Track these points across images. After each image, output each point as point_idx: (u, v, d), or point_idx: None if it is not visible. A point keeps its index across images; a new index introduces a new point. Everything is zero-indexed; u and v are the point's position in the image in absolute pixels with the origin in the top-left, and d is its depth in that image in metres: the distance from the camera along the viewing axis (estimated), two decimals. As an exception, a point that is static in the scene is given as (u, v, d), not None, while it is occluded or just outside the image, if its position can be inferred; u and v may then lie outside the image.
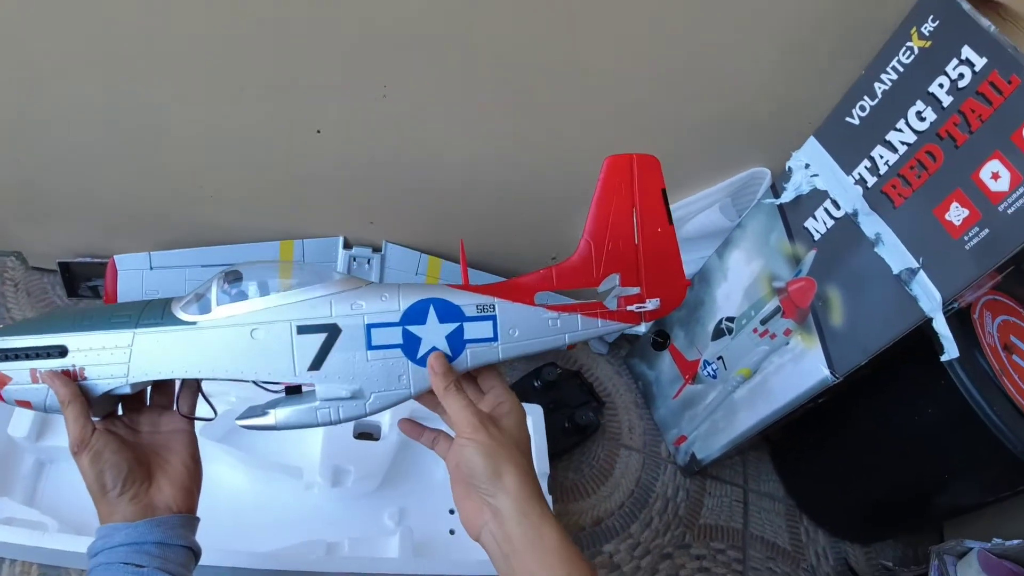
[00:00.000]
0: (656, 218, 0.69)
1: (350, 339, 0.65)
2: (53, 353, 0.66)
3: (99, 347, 0.66)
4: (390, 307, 0.66)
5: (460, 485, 0.68)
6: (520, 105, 0.98)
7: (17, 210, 1.17)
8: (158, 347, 0.66)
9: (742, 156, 1.07)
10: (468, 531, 0.67)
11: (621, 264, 0.69)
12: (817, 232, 0.99)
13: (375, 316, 0.66)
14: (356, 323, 0.65)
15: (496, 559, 0.64)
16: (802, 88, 0.99)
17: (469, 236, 1.20)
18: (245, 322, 0.65)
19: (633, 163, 0.68)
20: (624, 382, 1.43)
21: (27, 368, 0.66)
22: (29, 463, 1.10)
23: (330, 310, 0.66)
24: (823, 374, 0.99)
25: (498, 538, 0.63)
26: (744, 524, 1.33)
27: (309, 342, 0.65)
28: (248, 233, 1.17)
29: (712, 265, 1.18)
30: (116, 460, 0.66)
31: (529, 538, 0.62)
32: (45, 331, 0.67)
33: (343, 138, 1.02)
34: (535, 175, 1.09)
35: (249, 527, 1.05)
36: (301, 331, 0.65)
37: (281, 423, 0.67)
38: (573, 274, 0.68)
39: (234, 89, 0.94)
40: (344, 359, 0.65)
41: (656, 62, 0.93)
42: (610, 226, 0.68)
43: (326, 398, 0.66)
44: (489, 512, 0.64)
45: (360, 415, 0.67)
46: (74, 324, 0.67)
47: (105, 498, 0.66)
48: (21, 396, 0.67)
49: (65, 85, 0.93)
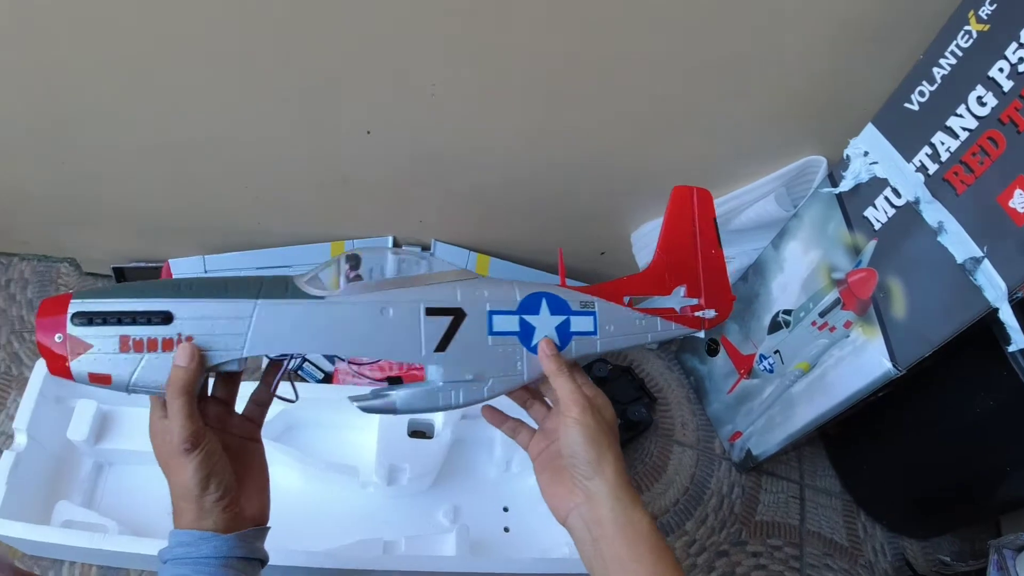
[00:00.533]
0: (710, 241, 0.79)
1: (474, 324, 0.67)
2: (155, 319, 0.59)
3: (213, 316, 0.60)
4: (509, 296, 0.69)
5: (548, 471, 0.70)
6: (568, 99, 0.97)
7: (70, 217, 1.19)
8: (283, 320, 0.62)
9: (796, 144, 1.05)
10: (556, 514, 0.68)
11: (686, 278, 0.77)
12: (877, 221, 0.96)
13: (496, 303, 0.68)
14: (480, 309, 0.67)
15: (583, 543, 0.65)
16: (857, 73, 0.97)
17: (517, 233, 1.21)
18: (375, 300, 0.64)
19: (694, 193, 0.79)
20: (675, 377, 1.42)
21: (116, 334, 0.59)
22: (88, 466, 1.12)
23: (456, 295, 0.67)
24: (885, 367, 0.97)
25: (588, 521, 0.64)
26: (801, 520, 1.31)
27: (436, 324, 0.65)
28: (299, 236, 1.18)
29: (767, 257, 1.16)
30: (224, 464, 0.63)
31: (620, 523, 0.62)
32: (141, 296, 0.60)
33: (392, 138, 1.02)
34: (583, 170, 1.08)
35: (305, 526, 1.05)
36: (429, 312, 0.65)
37: (403, 406, 0.66)
38: (648, 283, 0.76)
39: (284, 93, 0.94)
40: (468, 343, 0.67)
41: (706, 49, 0.91)
42: (677, 245, 0.78)
43: (449, 380, 0.66)
44: (582, 495, 0.65)
45: (479, 399, 0.68)
46: (177, 292, 0.61)
47: (200, 502, 0.61)
48: (100, 368, 0.59)
49: (113, 92, 0.95)
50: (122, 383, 0.59)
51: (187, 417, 0.59)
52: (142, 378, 0.59)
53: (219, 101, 0.96)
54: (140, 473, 1.12)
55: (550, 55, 0.90)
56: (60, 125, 1.00)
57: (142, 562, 1.05)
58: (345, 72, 0.92)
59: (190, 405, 0.59)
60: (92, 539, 0.98)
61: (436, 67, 0.92)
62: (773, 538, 1.28)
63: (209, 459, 0.60)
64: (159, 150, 1.03)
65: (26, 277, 1.32)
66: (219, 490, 0.61)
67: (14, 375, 1.21)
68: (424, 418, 1.16)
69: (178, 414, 0.58)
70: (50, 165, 1.07)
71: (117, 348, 0.58)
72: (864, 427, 1.27)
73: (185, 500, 0.61)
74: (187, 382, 0.58)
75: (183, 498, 0.61)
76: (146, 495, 1.10)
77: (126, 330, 0.58)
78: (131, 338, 0.58)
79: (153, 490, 1.08)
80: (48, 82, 0.93)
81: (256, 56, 0.89)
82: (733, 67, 0.94)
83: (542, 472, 0.70)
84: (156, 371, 0.59)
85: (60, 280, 1.32)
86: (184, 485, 0.61)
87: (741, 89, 0.97)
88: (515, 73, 0.93)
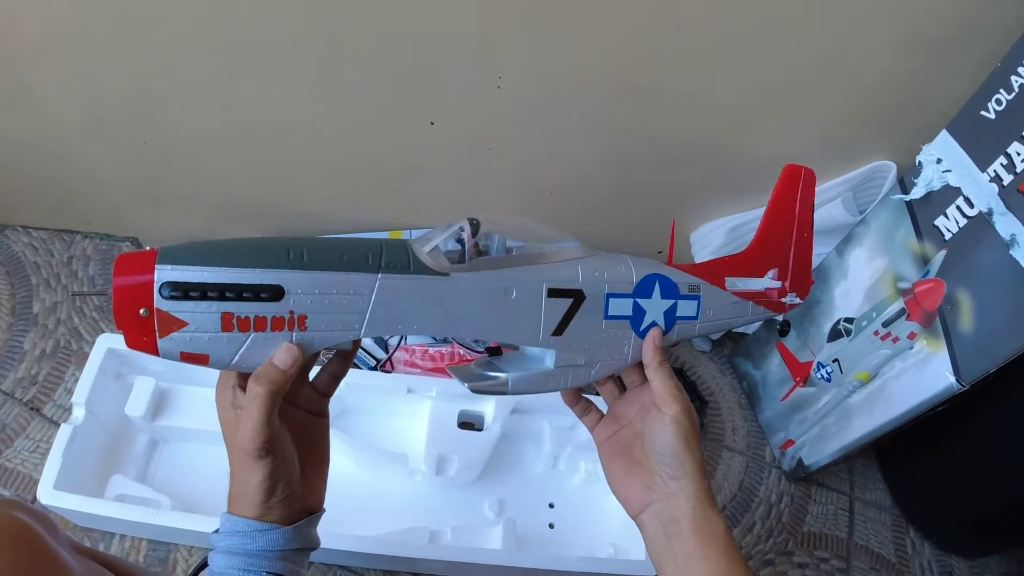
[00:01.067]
0: (804, 224, 0.75)
1: (592, 307, 0.64)
2: (263, 294, 0.52)
3: (330, 291, 0.54)
4: (626, 278, 0.66)
5: (621, 460, 0.68)
6: (638, 96, 0.96)
7: (137, 195, 1.21)
8: (404, 298, 0.56)
9: (866, 148, 1.03)
10: (627, 506, 0.67)
11: (778, 261, 0.75)
12: (948, 231, 0.94)
13: (614, 286, 0.65)
14: (599, 291, 0.64)
15: (655, 538, 0.64)
16: (932, 79, 0.95)
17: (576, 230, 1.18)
18: (500, 279, 0.60)
19: (802, 174, 0.74)
20: (728, 382, 1.40)
21: (218, 311, 0.51)
22: (143, 442, 1.14)
23: (578, 274, 0.63)
24: (948, 381, 0.94)
25: (664, 519, 0.63)
26: (849, 533, 1.29)
27: (556, 307, 0.63)
28: (357, 223, 1.19)
29: (831, 263, 1.14)
30: (293, 465, 0.59)
31: (699, 524, 0.62)
32: (241, 261, 0.52)
33: (455, 129, 1.02)
34: (645, 170, 1.07)
35: (353, 511, 1.06)
36: (551, 294, 0.62)
37: (513, 389, 0.64)
38: (746, 265, 0.74)
39: (354, 82, 0.95)
40: (584, 327, 0.64)
41: (788, 51, 0.91)
42: (777, 226, 0.74)
43: (562, 365, 0.65)
44: (661, 493, 0.64)
45: (584, 383, 0.67)
46: (286, 258, 0.53)
47: (262, 500, 0.58)
48: (197, 348, 0.52)
49: (201, 79, 0.97)
50: (221, 364, 0.54)
51: (264, 423, 0.53)
52: (246, 359, 0.53)
53: (304, 89, 0.97)
54: (194, 451, 1.14)
55: (627, 50, 0.90)
56: (146, 109, 1.02)
57: (192, 538, 1.06)
58: (417, 62, 0.92)
59: (271, 411, 0.54)
60: (145, 514, 1.00)
61: (503, 59, 0.92)
62: (820, 550, 1.26)
63: (280, 467, 0.56)
64: (243, 136, 1.05)
65: (88, 254, 1.34)
66: (285, 492, 0.58)
67: (73, 350, 1.23)
68: (474, 410, 1.16)
69: (255, 417, 0.53)
70: (131, 146, 1.09)
71: (219, 327, 0.52)
72: (919, 441, 1.24)
73: (248, 493, 0.57)
74: (279, 385, 0.53)
75: (247, 492, 0.57)
76: (199, 473, 1.12)
77: (230, 306, 0.51)
78: (236, 316, 0.52)
79: (206, 468, 1.12)
80: (137, 67, 0.96)
81: (329, 45, 0.90)
82: (811, 70, 0.93)
83: (612, 460, 0.69)
84: (263, 351, 0.54)
85: (121, 258, 1.35)
86: (250, 483, 0.56)
87: (816, 91, 0.96)
88: (585, 66, 0.92)
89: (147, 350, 0.52)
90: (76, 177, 1.19)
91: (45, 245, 1.34)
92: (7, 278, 1.29)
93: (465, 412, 1.16)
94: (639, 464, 0.66)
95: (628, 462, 0.67)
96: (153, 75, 0.96)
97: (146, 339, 0.51)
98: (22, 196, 1.28)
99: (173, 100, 1.00)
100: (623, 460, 0.68)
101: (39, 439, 1.14)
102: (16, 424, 1.15)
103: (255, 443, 0.54)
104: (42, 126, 1.10)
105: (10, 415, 1.16)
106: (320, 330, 0.54)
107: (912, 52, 0.91)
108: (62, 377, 1.21)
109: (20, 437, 1.14)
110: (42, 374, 1.20)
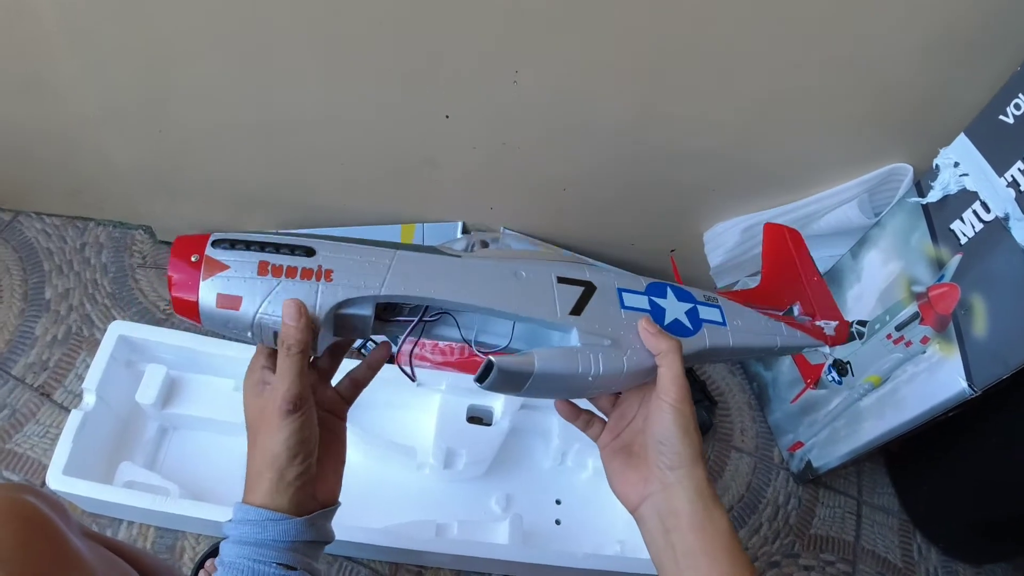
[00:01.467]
0: (810, 270, 0.79)
1: (605, 296, 0.65)
2: (297, 251, 0.59)
3: (356, 255, 0.59)
4: (635, 281, 0.68)
5: (620, 456, 0.67)
6: (651, 96, 0.96)
7: (152, 184, 1.21)
8: (421, 267, 0.61)
9: (883, 150, 1.03)
10: (626, 501, 0.65)
11: (797, 297, 0.77)
12: (964, 235, 0.94)
13: (624, 283, 0.67)
14: (609, 285, 0.66)
15: (653, 533, 0.62)
16: (950, 82, 0.95)
17: (589, 226, 1.20)
18: (509, 264, 0.64)
19: (784, 231, 0.81)
20: (737, 382, 1.40)
21: (256, 259, 0.58)
22: (153, 429, 1.14)
23: (584, 272, 0.66)
24: (960, 386, 0.94)
25: (662, 512, 0.62)
26: (856, 537, 1.28)
27: (568, 291, 0.64)
28: (371, 216, 1.19)
29: (844, 265, 1.13)
30: (315, 438, 0.60)
31: (699, 517, 0.60)
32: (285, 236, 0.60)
33: (471, 124, 1.02)
34: (660, 167, 1.07)
35: (360, 502, 1.05)
36: (561, 281, 0.64)
37: (541, 367, 0.59)
38: (760, 299, 0.74)
39: (369, 74, 0.95)
40: (602, 309, 0.65)
41: (809, 50, 0.90)
42: (780, 271, 0.78)
43: (587, 343, 0.62)
44: (659, 484, 0.62)
45: (619, 370, 0.62)
46: (318, 239, 0.60)
47: (282, 471, 0.58)
48: (232, 289, 0.57)
49: (217, 69, 0.97)
50: (251, 308, 0.57)
51: (298, 375, 0.57)
52: (273, 305, 0.57)
53: (319, 81, 0.98)
54: (203, 439, 1.14)
55: (637, 49, 0.90)
56: (162, 98, 1.03)
57: (200, 526, 1.07)
58: (433, 56, 0.92)
59: (303, 363, 0.57)
60: (154, 501, 1.00)
61: (520, 54, 0.91)
62: (826, 553, 1.26)
63: (306, 426, 0.58)
64: (258, 127, 1.06)
65: (101, 242, 1.35)
66: (303, 464, 0.58)
67: (85, 336, 1.24)
68: (483, 404, 1.16)
69: (289, 371, 0.56)
70: (146, 135, 1.09)
71: (255, 271, 0.57)
72: (929, 446, 1.24)
73: (266, 468, 0.58)
74: (302, 343, 0.56)
75: (265, 465, 0.58)
76: (208, 461, 1.13)
77: (267, 256, 0.58)
78: (271, 264, 0.57)
79: (215, 457, 1.13)
80: (154, 56, 0.96)
81: (344, 37, 0.90)
82: (830, 70, 0.92)
83: (613, 458, 0.68)
84: (290, 297, 0.58)
85: (135, 247, 1.35)
86: (272, 450, 0.57)
87: (833, 92, 0.95)
88: (600, 66, 0.92)
89: (189, 293, 0.57)
90: (91, 164, 1.20)
91: (58, 231, 1.34)
92: (20, 264, 1.30)
93: (474, 406, 1.16)
94: (637, 457, 0.65)
95: (627, 456, 0.66)
96: (170, 64, 0.97)
97: (190, 283, 0.57)
98: (36, 182, 1.29)
99: (189, 89, 1.00)
100: (622, 456, 0.67)
101: (49, 424, 1.15)
102: (26, 409, 1.16)
103: (289, 395, 0.56)
104: (58, 114, 1.11)
105: (20, 400, 1.16)
106: (343, 284, 0.58)
107: (931, 55, 0.91)
108: (73, 363, 1.21)
109: (30, 422, 1.15)
110: (53, 360, 1.21)
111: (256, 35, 0.91)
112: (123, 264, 1.33)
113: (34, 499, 0.57)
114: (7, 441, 1.13)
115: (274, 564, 0.57)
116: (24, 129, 1.16)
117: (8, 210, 1.35)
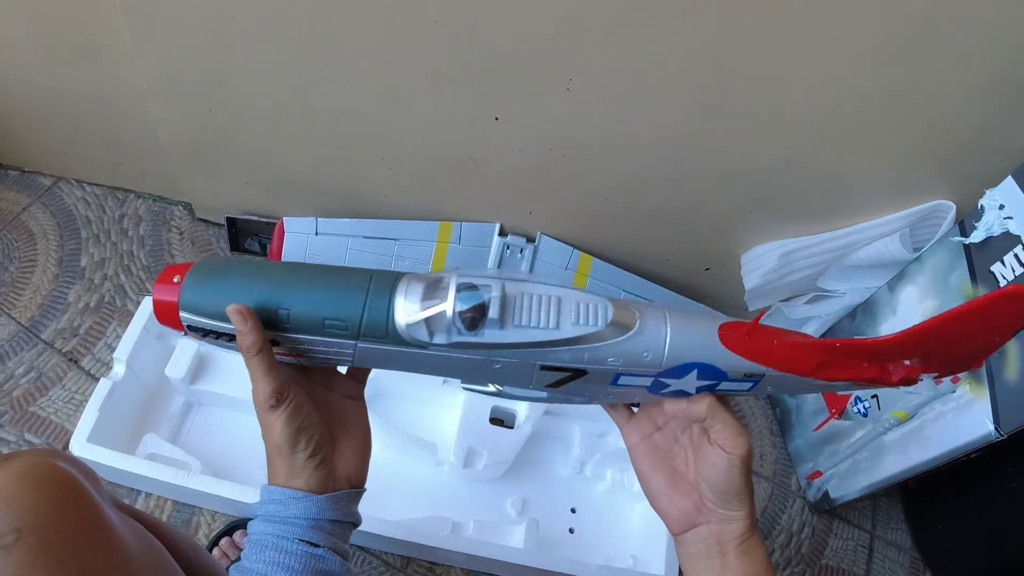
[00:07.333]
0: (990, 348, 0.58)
1: (595, 379, 0.59)
2: None
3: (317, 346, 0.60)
4: (650, 366, 0.58)
5: (662, 471, 0.65)
6: (700, 114, 0.96)
7: (195, 161, 1.22)
8: (385, 356, 0.60)
9: (928, 185, 1.02)
10: (670, 524, 0.64)
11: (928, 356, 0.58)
12: (1004, 278, 0.93)
13: (629, 369, 0.58)
14: (606, 371, 0.58)
15: (696, 558, 0.63)
16: (1001, 124, 0.94)
17: (627, 238, 1.20)
18: (485, 355, 0.58)
19: None
20: (760, 406, 1.39)
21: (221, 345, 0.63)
22: (179, 403, 1.15)
23: (583, 358, 0.57)
24: (987, 428, 0.93)
25: (710, 541, 0.62)
26: (867, 571, 1.27)
27: (552, 374, 0.59)
28: (410, 210, 1.19)
29: (880, 297, 1.13)
30: (314, 420, 0.61)
31: (746, 547, 0.61)
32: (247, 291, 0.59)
33: (519, 127, 1.02)
34: (703, 185, 1.07)
35: (379, 494, 1.05)
36: (544, 368, 0.58)
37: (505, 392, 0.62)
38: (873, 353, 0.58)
39: (424, 71, 0.95)
40: (585, 388, 0.61)
41: (850, 80, 0.89)
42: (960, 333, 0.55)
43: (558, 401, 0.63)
44: (714, 518, 0.62)
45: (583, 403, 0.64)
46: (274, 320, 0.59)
47: (291, 458, 0.60)
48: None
49: (277, 52, 0.97)
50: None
51: (266, 372, 0.59)
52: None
53: (374, 73, 0.98)
54: (228, 417, 1.15)
55: (700, 67, 0.89)
56: (217, 75, 1.03)
57: (218, 504, 1.07)
58: (491, 58, 0.92)
59: (268, 360, 0.59)
60: (175, 475, 1.01)
61: (576, 63, 0.92)
62: (835, 584, 1.25)
63: (297, 413, 0.60)
64: (308, 113, 1.06)
65: (140, 215, 1.36)
66: (310, 446, 0.60)
67: (117, 306, 1.25)
68: (507, 407, 1.16)
69: (257, 371, 0.59)
70: (197, 111, 1.10)
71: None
72: (947, 485, 1.23)
73: (278, 457, 0.61)
74: (253, 342, 0.58)
75: (276, 455, 0.61)
76: (231, 439, 1.13)
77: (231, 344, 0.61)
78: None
79: (239, 435, 1.13)
80: (214, 32, 0.96)
81: (404, 32, 0.91)
82: (884, 101, 0.92)
83: (653, 472, 0.65)
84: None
85: (173, 222, 1.36)
86: (275, 442, 0.60)
87: (885, 123, 0.95)
88: (655, 80, 0.92)
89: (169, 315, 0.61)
90: (137, 136, 1.21)
91: (98, 201, 1.36)
92: (57, 229, 1.31)
93: (498, 408, 1.16)
94: (685, 481, 0.64)
95: (671, 476, 0.64)
96: (229, 41, 0.97)
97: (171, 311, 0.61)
98: (81, 150, 1.30)
99: (245, 69, 1.01)
100: (665, 472, 0.65)
101: (75, 390, 1.16)
102: (53, 373, 1.17)
103: (265, 393, 0.59)
104: (110, 83, 1.12)
105: (48, 364, 1.17)
106: (315, 360, 0.62)
107: (985, 95, 0.90)
108: (103, 332, 1.22)
109: (56, 387, 1.16)
110: (84, 327, 1.22)
111: (319, 23, 0.91)
112: (160, 238, 1.34)
113: (68, 466, 0.56)
114: (31, 404, 1.13)
115: (297, 540, 0.58)
116: (73, 96, 1.17)
117: (50, 175, 1.37)
